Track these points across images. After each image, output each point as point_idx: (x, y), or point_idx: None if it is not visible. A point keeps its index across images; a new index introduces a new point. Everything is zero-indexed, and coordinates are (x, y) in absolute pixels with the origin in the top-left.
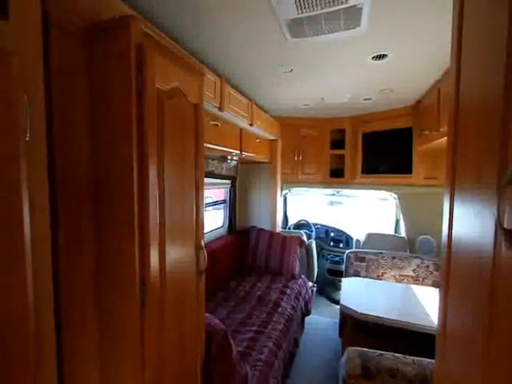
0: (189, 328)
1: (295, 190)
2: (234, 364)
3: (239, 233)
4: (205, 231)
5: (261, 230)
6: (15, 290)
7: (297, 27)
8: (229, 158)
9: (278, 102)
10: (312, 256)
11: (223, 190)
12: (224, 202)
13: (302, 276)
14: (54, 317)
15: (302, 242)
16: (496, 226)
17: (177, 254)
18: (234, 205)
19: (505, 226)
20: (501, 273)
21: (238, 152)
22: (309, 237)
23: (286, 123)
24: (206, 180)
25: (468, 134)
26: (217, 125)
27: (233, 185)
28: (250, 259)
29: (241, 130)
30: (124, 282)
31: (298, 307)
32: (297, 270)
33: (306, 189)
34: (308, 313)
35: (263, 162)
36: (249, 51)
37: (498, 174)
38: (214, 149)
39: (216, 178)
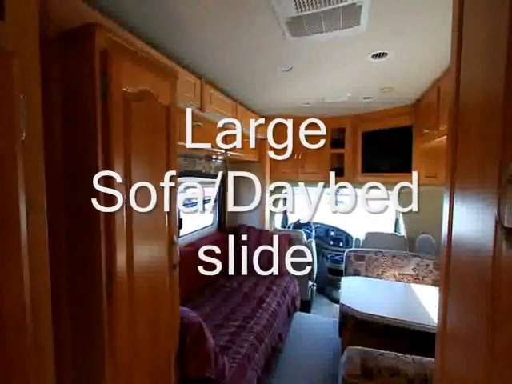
0: (162, 319)
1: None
2: (208, 356)
3: (229, 231)
4: (193, 229)
5: (250, 228)
6: (12, 292)
7: (296, 26)
8: (214, 157)
9: (277, 102)
10: (312, 255)
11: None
12: (214, 200)
13: (291, 273)
14: (51, 316)
15: (291, 239)
16: (496, 224)
17: (147, 249)
18: (224, 203)
19: (505, 224)
20: (501, 271)
21: (223, 151)
22: (308, 236)
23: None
24: (193, 179)
25: (468, 132)
26: (199, 125)
27: (222, 184)
28: (240, 256)
29: (226, 129)
30: (92, 274)
31: (284, 303)
32: (285, 266)
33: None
34: (296, 309)
35: (252, 161)
36: (248, 51)
37: (498, 172)
38: (196, 148)
39: (204, 177)
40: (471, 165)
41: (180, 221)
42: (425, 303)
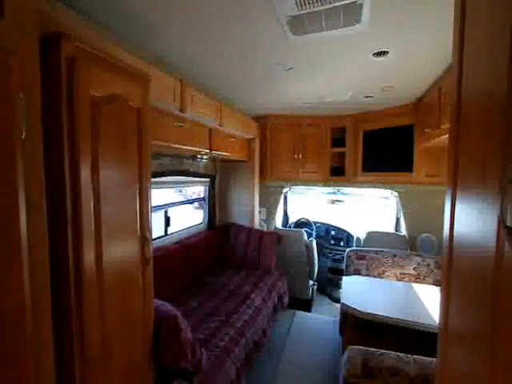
0: (135, 311)
1: (296, 188)
2: (183, 347)
3: (219, 229)
4: (183, 227)
5: (240, 226)
6: (11, 291)
7: (297, 24)
8: (198, 156)
9: (277, 101)
10: (312, 254)
11: (202, 187)
12: (203, 199)
13: (279, 270)
14: (51, 317)
15: (280, 237)
16: (499, 223)
17: (117, 244)
18: (214, 202)
19: (508, 223)
20: (504, 270)
21: (208, 151)
22: (309, 235)
23: (286, 121)
24: (180, 178)
25: (470, 131)
26: (181, 126)
27: (212, 183)
28: (229, 254)
29: (210, 129)
30: (60, 266)
31: (270, 300)
32: (273, 264)
33: (307, 187)
34: (283, 306)
35: (242, 161)
36: (248, 50)
37: (500, 171)
38: (179, 148)
39: (192, 176)
40: (473, 164)
41: (168, 219)
42: (426, 303)
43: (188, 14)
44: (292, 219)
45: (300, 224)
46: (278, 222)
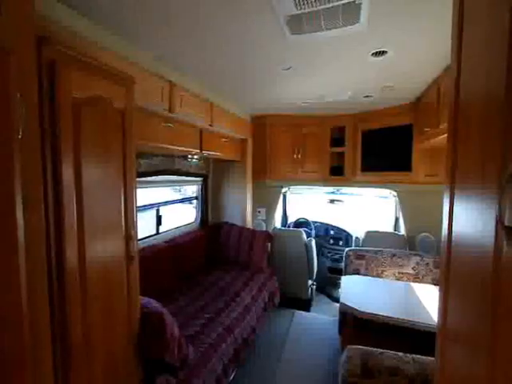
0: (119, 307)
1: (295, 188)
2: (168, 343)
3: (211, 228)
4: (175, 226)
5: (232, 225)
6: (8, 291)
7: (296, 24)
8: (189, 156)
9: (276, 101)
10: (311, 254)
11: (195, 186)
12: (196, 198)
13: (270, 269)
14: (50, 318)
15: (271, 236)
16: (497, 223)
17: (101, 242)
18: (207, 201)
19: (506, 223)
20: (502, 270)
21: (198, 151)
22: (308, 235)
23: (285, 121)
24: (172, 178)
25: (468, 131)
26: (170, 126)
27: (204, 182)
28: (221, 253)
29: (201, 130)
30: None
31: (260, 298)
32: (264, 263)
33: (306, 187)
34: (274, 304)
35: (234, 161)
36: (246, 50)
37: (499, 171)
38: (169, 148)
39: (183, 175)
40: (471, 164)
41: (159, 218)
42: (425, 302)
43: (187, 14)
44: (291, 219)
45: (299, 224)
46: (278, 221)
